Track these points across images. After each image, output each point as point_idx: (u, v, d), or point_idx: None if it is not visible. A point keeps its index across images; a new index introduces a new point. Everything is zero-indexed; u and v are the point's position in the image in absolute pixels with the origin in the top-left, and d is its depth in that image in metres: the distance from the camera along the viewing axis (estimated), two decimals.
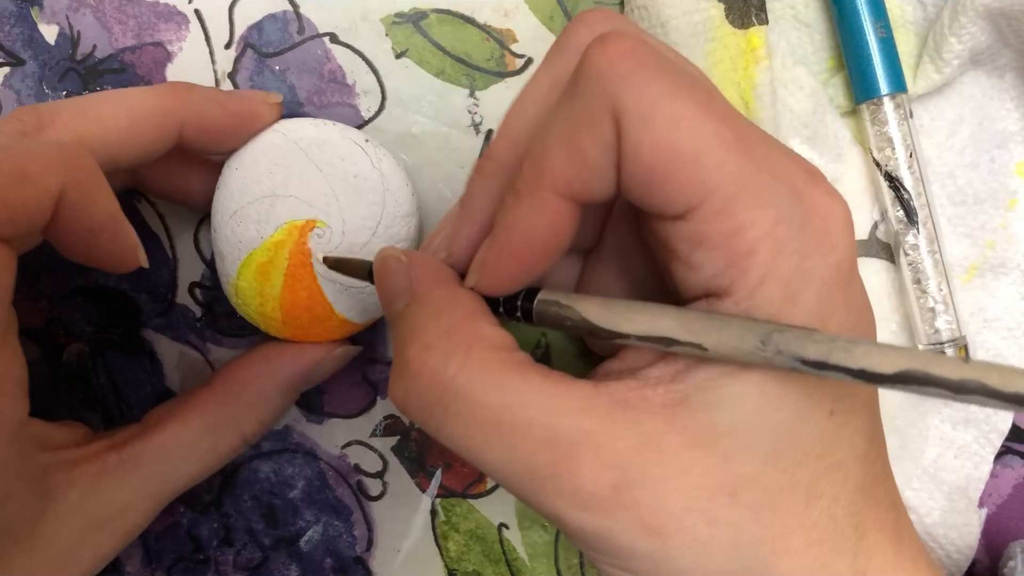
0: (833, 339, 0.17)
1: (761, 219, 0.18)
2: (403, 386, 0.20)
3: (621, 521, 0.18)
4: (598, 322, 0.20)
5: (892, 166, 0.30)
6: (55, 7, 0.31)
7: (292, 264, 0.27)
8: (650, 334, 0.19)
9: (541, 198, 0.19)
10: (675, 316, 0.19)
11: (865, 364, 0.16)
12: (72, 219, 0.22)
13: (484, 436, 0.19)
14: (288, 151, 0.27)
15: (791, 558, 0.19)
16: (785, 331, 0.17)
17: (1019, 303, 0.31)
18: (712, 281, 0.19)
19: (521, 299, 0.21)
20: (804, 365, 0.17)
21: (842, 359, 0.17)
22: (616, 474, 0.18)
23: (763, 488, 0.18)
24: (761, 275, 0.18)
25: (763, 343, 0.17)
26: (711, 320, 0.18)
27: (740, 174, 0.18)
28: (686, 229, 0.18)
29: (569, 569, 0.33)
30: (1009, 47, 0.29)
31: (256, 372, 0.29)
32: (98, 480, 0.25)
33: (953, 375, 0.15)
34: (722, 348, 0.18)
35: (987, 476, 0.32)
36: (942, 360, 0.16)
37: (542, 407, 0.19)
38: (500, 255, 0.21)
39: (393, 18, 0.31)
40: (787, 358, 0.17)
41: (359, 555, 0.33)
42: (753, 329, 0.18)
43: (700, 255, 0.18)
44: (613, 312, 0.20)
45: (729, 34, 0.29)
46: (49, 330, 0.32)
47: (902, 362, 0.16)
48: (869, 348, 0.16)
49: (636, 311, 0.19)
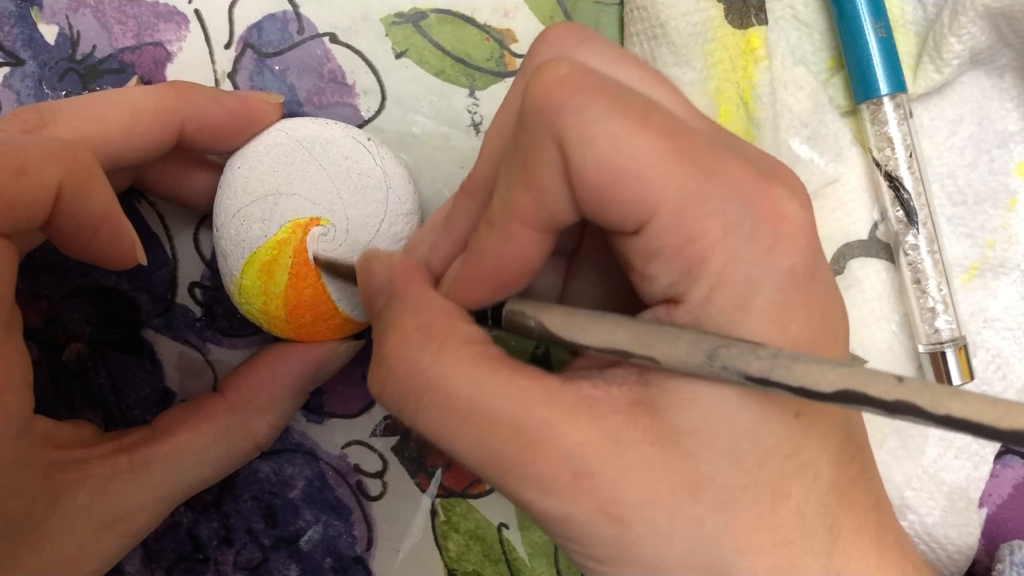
0: (775, 356, 0.17)
1: (710, 228, 0.18)
2: (380, 377, 0.21)
3: (582, 507, 0.19)
4: (559, 333, 0.21)
5: (892, 166, 0.30)
6: (55, 7, 0.31)
7: (296, 262, 0.27)
8: (606, 347, 0.20)
9: (509, 230, 0.20)
10: (629, 329, 0.19)
11: (804, 382, 0.17)
12: (71, 214, 0.22)
13: (455, 425, 0.20)
14: (291, 149, 0.27)
15: (755, 556, 0.19)
16: (731, 346, 0.18)
17: (1019, 303, 0.31)
18: (668, 290, 0.19)
19: (491, 308, 0.22)
20: (748, 381, 0.18)
21: (783, 376, 0.17)
22: (578, 463, 0.19)
23: (725, 487, 0.19)
24: (712, 284, 0.18)
25: (710, 358, 0.18)
26: (663, 334, 0.19)
27: (685, 186, 0.18)
28: (639, 244, 0.19)
29: (569, 569, 0.33)
30: (1009, 47, 0.29)
31: (265, 377, 0.29)
32: (108, 482, 0.25)
33: (887, 396, 0.16)
34: (673, 362, 0.19)
35: (987, 476, 0.32)
36: (878, 380, 0.16)
37: (510, 399, 0.20)
38: (469, 278, 0.21)
39: (393, 18, 0.31)
40: (732, 373, 0.18)
41: (359, 555, 0.33)
42: (701, 344, 0.18)
43: (654, 267, 0.19)
44: (572, 324, 0.20)
45: (729, 34, 0.29)
46: (49, 330, 0.32)
47: (840, 381, 0.17)
48: (809, 367, 0.17)
49: (594, 323, 0.20)
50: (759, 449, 0.19)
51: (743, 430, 0.19)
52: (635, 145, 0.18)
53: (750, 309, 0.18)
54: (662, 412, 0.19)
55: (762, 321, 0.18)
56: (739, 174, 0.19)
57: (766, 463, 0.19)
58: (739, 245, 0.18)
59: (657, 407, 0.19)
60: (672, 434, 0.19)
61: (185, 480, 0.27)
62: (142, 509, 0.26)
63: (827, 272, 0.20)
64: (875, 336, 0.31)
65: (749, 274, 0.18)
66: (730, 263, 0.18)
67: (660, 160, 0.18)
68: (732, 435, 0.19)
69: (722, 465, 0.19)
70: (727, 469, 0.19)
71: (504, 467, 0.19)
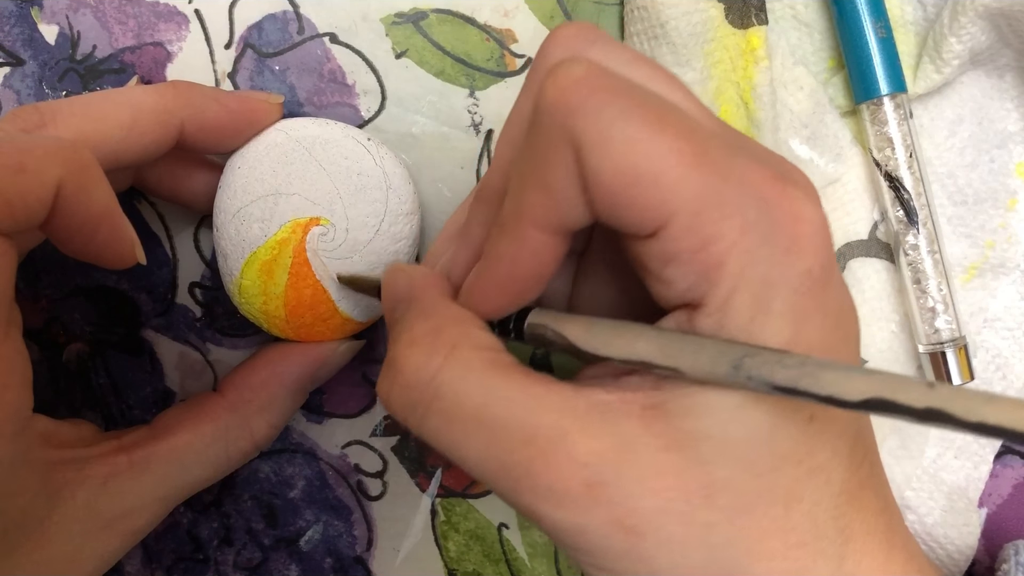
0: (803, 363, 0.17)
1: (727, 230, 0.18)
2: (388, 381, 0.21)
3: (595, 518, 0.19)
4: (582, 346, 0.20)
5: (892, 166, 0.30)
6: (55, 7, 0.31)
7: (296, 262, 0.27)
8: (629, 358, 0.19)
9: (522, 234, 0.20)
10: (653, 339, 0.19)
11: (832, 391, 0.17)
12: (70, 213, 0.22)
13: (463, 432, 0.19)
14: (291, 149, 0.27)
15: (769, 561, 0.19)
16: (756, 355, 0.18)
17: (1019, 303, 0.31)
18: (686, 294, 0.19)
19: (513, 319, 0.22)
20: (775, 390, 0.17)
21: (810, 385, 0.17)
22: (590, 472, 0.18)
23: (739, 492, 0.19)
24: (731, 286, 0.18)
25: (735, 368, 0.18)
26: (686, 343, 0.19)
27: (703, 189, 0.18)
28: (656, 247, 0.19)
29: (569, 569, 0.33)
30: (1009, 47, 0.29)
31: (265, 377, 0.29)
32: (107, 482, 0.25)
33: (918, 403, 0.16)
34: (698, 372, 0.18)
35: (987, 476, 0.32)
36: (908, 387, 0.16)
37: (521, 406, 0.19)
38: (486, 286, 0.21)
39: (393, 18, 0.31)
40: (758, 383, 0.17)
41: (359, 555, 0.33)
42: (726, 353, 0.18)
43: (671, 271, 0.19)
44: (595, 336, 0.20)
45: (729, 34, 0.29)
46: (49, 330, 0.32)
47: (869, 389, 0.16)
48: (837, 375, 0.17)
49: (617, 334, 0.20)
50: (773, 454, 0.19)
51: (758, 435, 0.19)
52: (653, 148, 0.18)
53: (769, 312, 0.18)
54: (677, 418, 0.19)
55: (780, 324, 0.18)
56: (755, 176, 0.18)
57: (780, 468, 0.19)
58: (756, 247, 0.18)
59: (671, 413, 0.19)
60: (687, 440, 0.19)
61: (185, 480, 0.27)
62: (141, 508, 0.26)
63: (840, 275, 0.20)
64: (875, 336, 0.31)
65: (767, 276, 0.18)
66: (748, 266, 0.18)
67: (678, 163, 0.18)
68: (747, 440, 0.19)
69: (737, 470, 0.19)
70: (742, 474, 0.19)
71: (514, 477, 0.19)
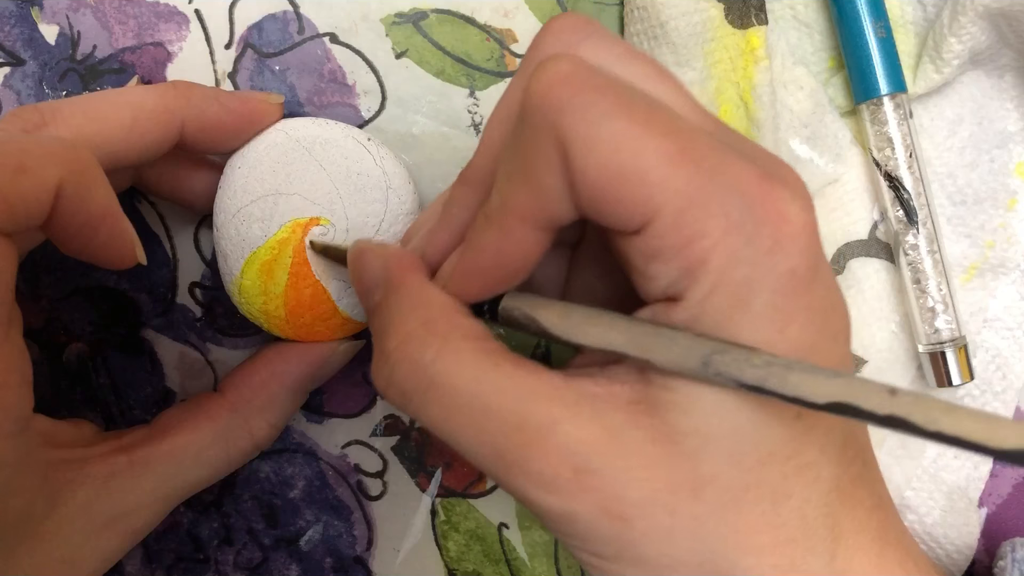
0: (770, 364, 0.17)
1: (711, 229, 0.18)
2: (385, 373, 0.21)
3: (583, 504, 0.19)
4: (556, 332, 0.21)
5: (892, 166, 0.30)
6: (55, 7, 0.31)
7: (296, 262, 0.27)
8: (603, 347, 0.20)
9: (507, 227, 0.20)
10: (625, 330, 0.19)
11: (798, 392, 0.17)
12: (70, 213, 0.22)
13: (458, 420, 0.20)
14: (291, 149, 0.27)
15: (758, 555, 0.19)
16: (726, 352, 0.18)
17: (1019, 303, 0.31)
18: (668, 290, 0.19)
19: (488, 301, 0.22)
20: (743, 387, 0.18)
21: (776, 385, 0.17)
22: (579, 460, 0.19)
23: (726, 487, 0.19)
24: (712, 283, 0.18)
25: (704, 364, 0.18)
26: (659, 336, 0.19)
27: (687, 187, 0.18)
28: (640, 244, 0.19)
29: (569, 568, 0.33)
30: (1009, 47, 0.29)
31: (264, 377, 0.29)
32: (107, 481, 0.26)
33: (879, 409, 0.16)
34: (668, 365, 0.19)
35: (987, 476, 0.32)
36: (870, 393, 0.16)
37: (512, 395, 0.20)
38: (467, 272, 0.22)
39: (393, 18, 0.31)
40: (727, 379, 0.18)
41: (359, 555, 0.33)
42: (696, 348, 0.18)
43: (655, 267, 0.19)
44: (568, 322, 0.20)
45: (729, 34, 0.29)
46: (49, 330, 0.32)
47: (833, 393, 0.17)
48: (802, 376, 0.17)
49: (591, 322, 0.20)
50: (760, 450, 0.19)
51: (743, 431, 0.19)
52: (638, 147, 0.18)
53: (748, 310, 0.18)
54: (662, 412, 0.19)
55: (760, 322, 0.18)
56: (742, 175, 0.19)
57: (767, 464, 0.19)
58: (739, 246, 0.18)
59: (657, 407, 0.19)
60: (672, 434, 0.19)
61: (185, 480, 0.27)
62: (142, 508, 0.26)
63: (829, 274, 0.20)
64: (875, 336, 0.31)
65: (748, 275, 0.18)
66: (730, 264, 0.18)
67: (662, 161, 0.18)
68: (732, 436, 0.19)
69: (723, 466, 0.19)
70: (728, 469, 0.19)
71: (506, 463, 0.20)
